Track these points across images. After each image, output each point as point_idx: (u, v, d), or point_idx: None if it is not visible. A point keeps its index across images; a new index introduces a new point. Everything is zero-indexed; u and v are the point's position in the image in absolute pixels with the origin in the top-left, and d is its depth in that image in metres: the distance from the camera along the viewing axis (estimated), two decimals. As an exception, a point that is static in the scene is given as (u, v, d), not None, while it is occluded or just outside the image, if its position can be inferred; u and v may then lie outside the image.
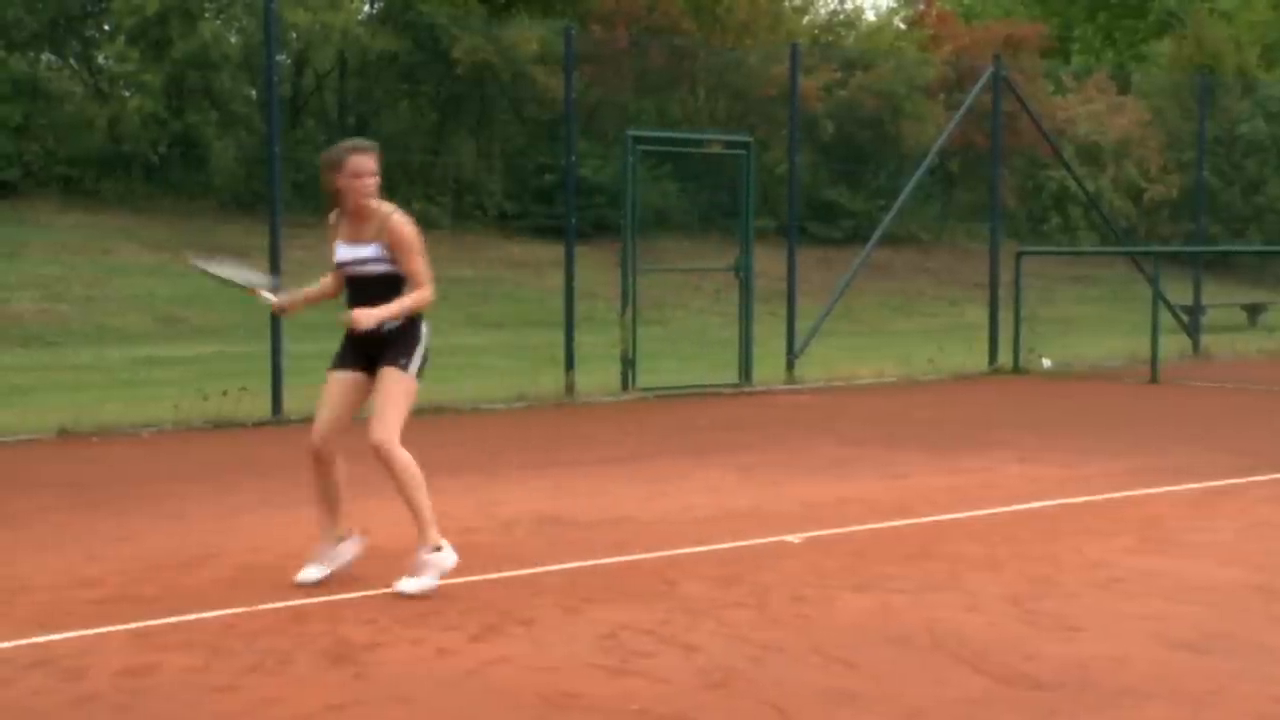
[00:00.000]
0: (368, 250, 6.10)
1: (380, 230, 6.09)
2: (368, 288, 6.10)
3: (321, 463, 6.30)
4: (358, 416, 6.37)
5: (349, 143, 6.22)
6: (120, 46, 26.92)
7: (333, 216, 6.25)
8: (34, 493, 8.59)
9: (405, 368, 6.19)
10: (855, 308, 22.09)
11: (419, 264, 6.13)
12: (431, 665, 4.96)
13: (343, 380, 6.26)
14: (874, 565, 6.47)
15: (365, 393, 6.27)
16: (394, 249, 6.09)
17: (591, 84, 27.05)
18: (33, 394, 13.56)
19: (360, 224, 6.13)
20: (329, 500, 6.35)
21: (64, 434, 10.91)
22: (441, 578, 6.00)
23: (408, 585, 5.95)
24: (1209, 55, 34.44)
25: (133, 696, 4.63)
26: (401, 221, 6.11)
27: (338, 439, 6.29)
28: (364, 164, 6.07)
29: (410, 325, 6.17)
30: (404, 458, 6.18)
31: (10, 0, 26.26)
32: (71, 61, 29.08)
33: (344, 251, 6.16)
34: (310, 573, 6.15)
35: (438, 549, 6.03)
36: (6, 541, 7.11)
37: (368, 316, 6.02)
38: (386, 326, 6.10)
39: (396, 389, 6.18)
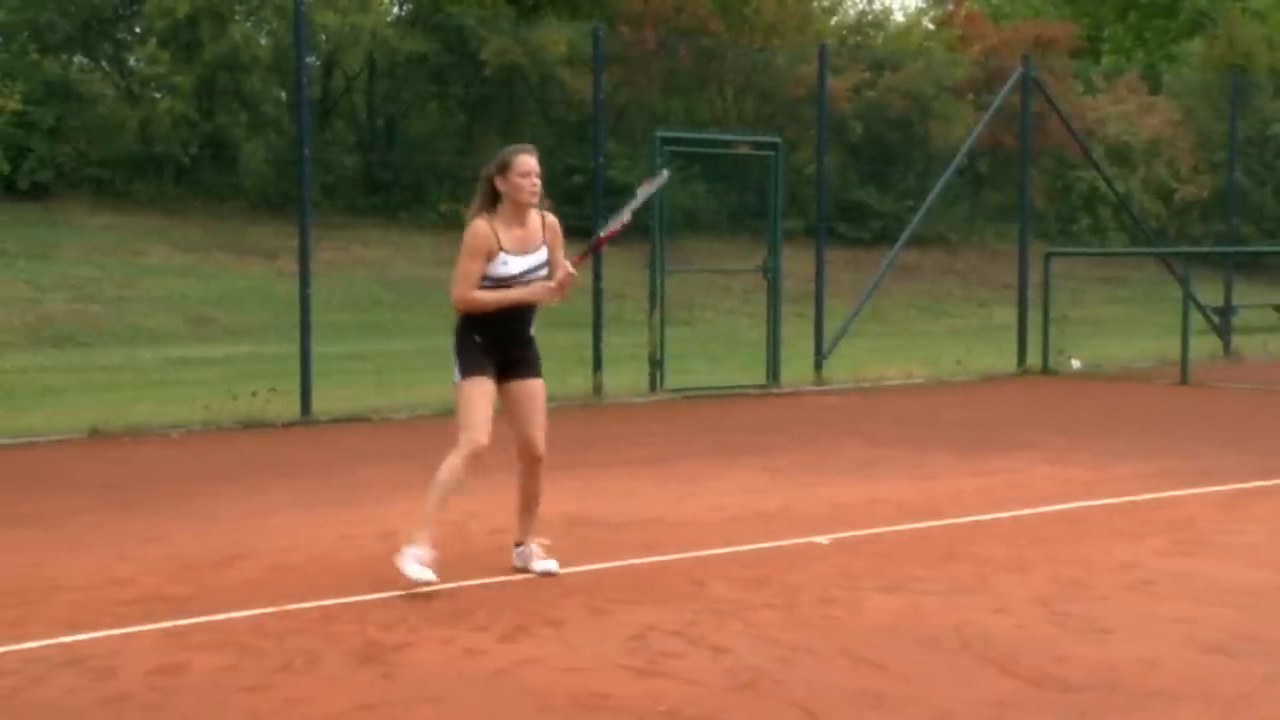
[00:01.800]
0: (540, 255, 6.20)
1: (544, 232, 6.21)
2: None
3: (478, 465, 6.27)
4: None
5: (511, 146, 6.19)
6: (151, 49, 27.06)
7: (485, 226, 6.11)
8: (66, 493, 8.65)
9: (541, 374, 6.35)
10: (883, 309, 22.05)
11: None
12: (460, 665, 4.97)
13: (492, 387, 6.24)
14: (902, 566, 6.46)
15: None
16: (555, 247, 6.24)
17: (620, 85, 27.04)
18: (64, 394, 13.65)
19: (523, 229, 6.15)
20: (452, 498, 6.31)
21: (95, 434, 10.98)
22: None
23: (548, 565, 6.31)
24: (1241, 55, 34.23)
25: (163, 696, 4.65)
26: (557, 220, 6.28)
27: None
28: (532, 163, 6.09)
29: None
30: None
31: (43, 3, 26.45)
32: (103, 64, 29.26)
33: (521, 262, 6.13)
34: (427, 574, 6.02)
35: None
36: (38, 541, 7.17)
37: (570, 280, 6.15)
38: (531, 330, 6.29)
39: (544, 398, 6.37)
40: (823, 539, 7.12)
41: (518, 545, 6.43)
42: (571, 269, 6.22)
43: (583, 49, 24.96)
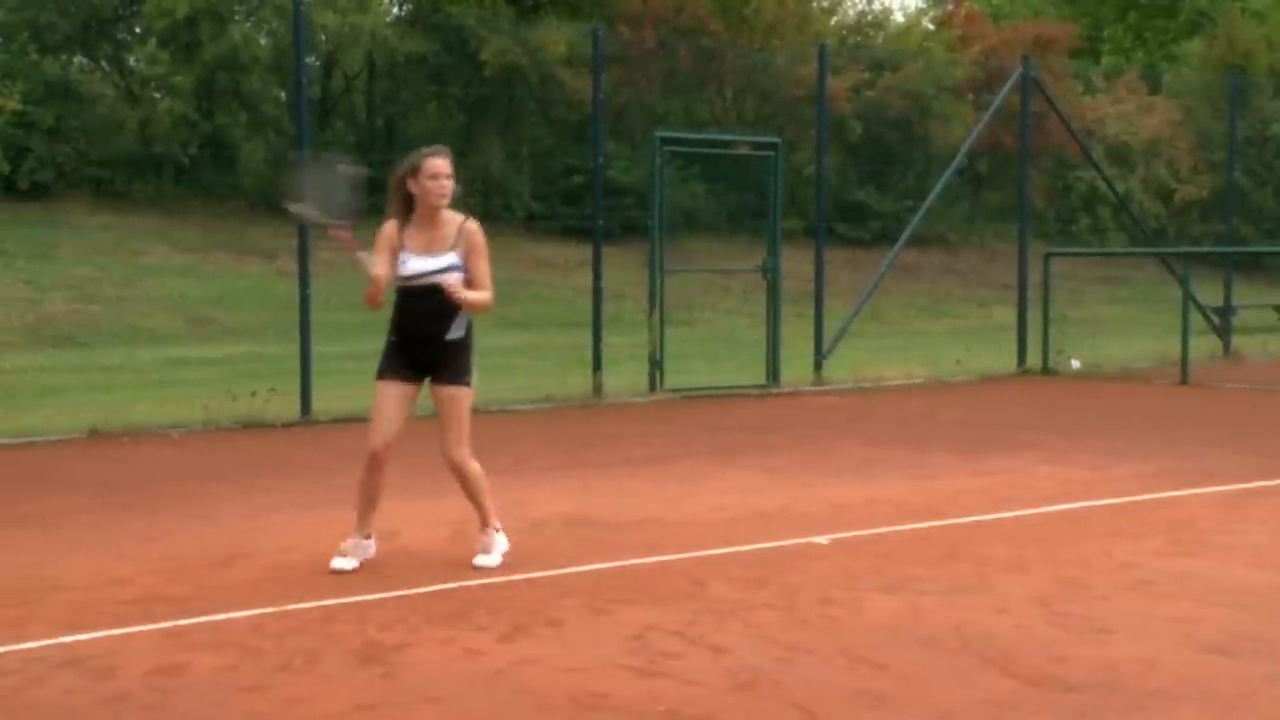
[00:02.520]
0: (446, 259, 6.21)
1: (458, 238, 6.22)
2: (437, 295, 6.18)
3: (379, 467, 6.41)
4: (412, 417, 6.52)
5: (424, 148, 6.28)
6: (151, 49, 27.06)
7: (390, 226, 6.27)
8: (65, 493, 8.65)
9: (468, 384, 6.36)
10: (883, 309, 22.04)
11: (489, 269, 6.31)
12: (460, 665, 4.97)
13: (400, 390, 6.32)
14: (902, 567, 6.46)
15: (415, 399, 6.39)
16: (471, 255, 6.23)
17: (619, 85, 27.04)
18: (64, 394, 13.65)
19: (434, 232, 6.22)
20: (373, 501, 6.49)
21: (95, 434, 10.98)
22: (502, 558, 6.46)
23: (484, 560, 6.40)
24: (1240, 55, 34.21)
25: (163, 696, 4.65)
26: (478, 228, 6.28)
27: (396, 445, 6.41)
28: (441, 166, 6.17)
29: (468, 336, 6.32)
30: (476, 468, 6.47)
31: (43, 3, 26.45)
32: (103, 64, 29.26)
33: (419, 263, 6.19)
34: (344, 563, 6.34)
35: (498, 530, 6.52)
36: (38, 541, 7.16)
37: (461, 293, 6.15)
38: (450, 335, 6.24)
39: (465, 407, 6.38)
40: (822, 539, 7.12)
41: (482, 530, 6.52)
42: (458, 293, 6.18)
43: (582, 49, 24.96)
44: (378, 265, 6.21)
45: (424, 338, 6.27)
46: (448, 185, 6.17)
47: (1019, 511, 7.90)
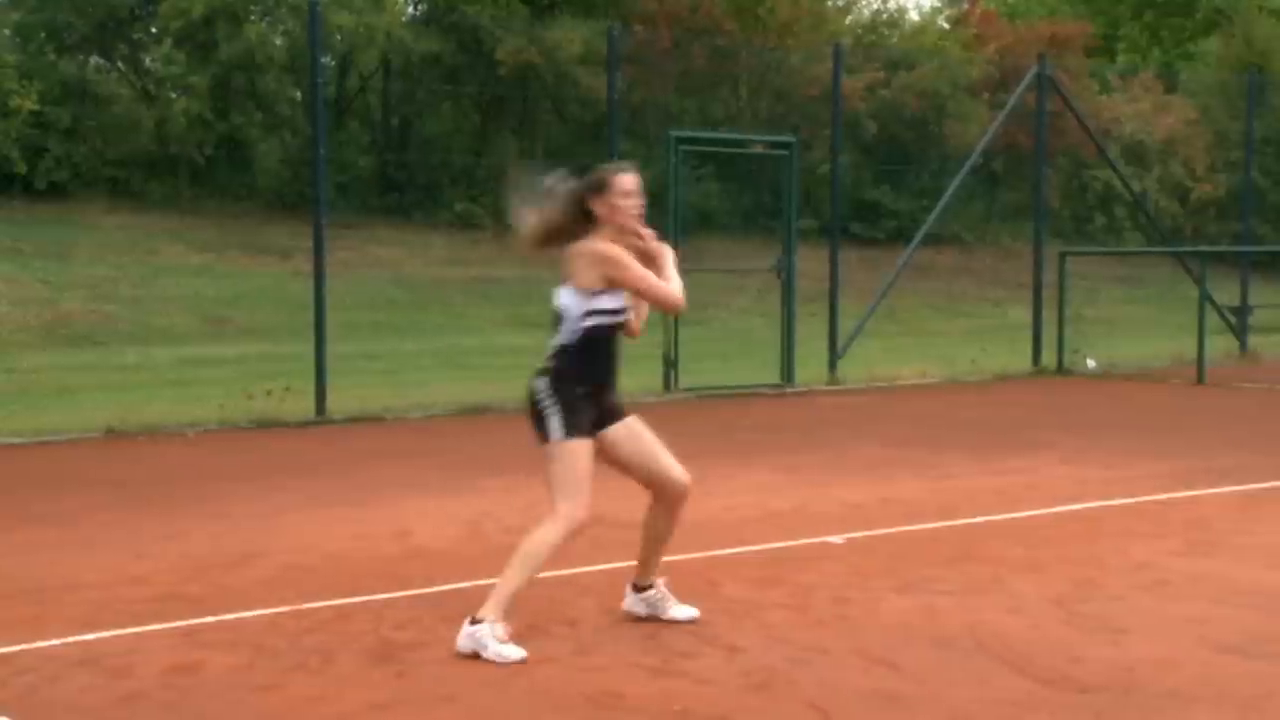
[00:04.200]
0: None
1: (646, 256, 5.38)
2: (620, 330, 5.39)
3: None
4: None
5: (608, 165, 5.46)
6: (167, 49, 27.13)
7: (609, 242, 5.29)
8: (81, 492, 8.67)
9: None
10: (898, 308, 22.00)
11: None
12: (474, 664, 4.97)
13: (591, 448, 5.33)
14: (916, 567, 6.45)
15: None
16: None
17: (634, 84, 27.04)
18: (80, 393, 13.69)
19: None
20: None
21: (111, 433, 11.01)
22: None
23: (687, 612, 5.54)
24: (1257, 53, 34.09)
25: (178, 694, 4.67)
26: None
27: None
28: (634, 183, 5.33)
29: None
30: None
31: (60, 4, 26.54)
32: (119, 64, 29.35)
33: (620, 296, 5.30)
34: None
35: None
36: (55, 540, 7.19)
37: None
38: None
39: None
40: (837, 539, 7.11)
41: (640, 590, 5.59)
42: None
43: (597, 48, 24.95)
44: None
45: (611, 383, 5.43)
46: (639, 205, 5.33)
47: (1034, 511, 7.88)
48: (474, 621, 5.08)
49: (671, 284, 5.36)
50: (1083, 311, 17.32)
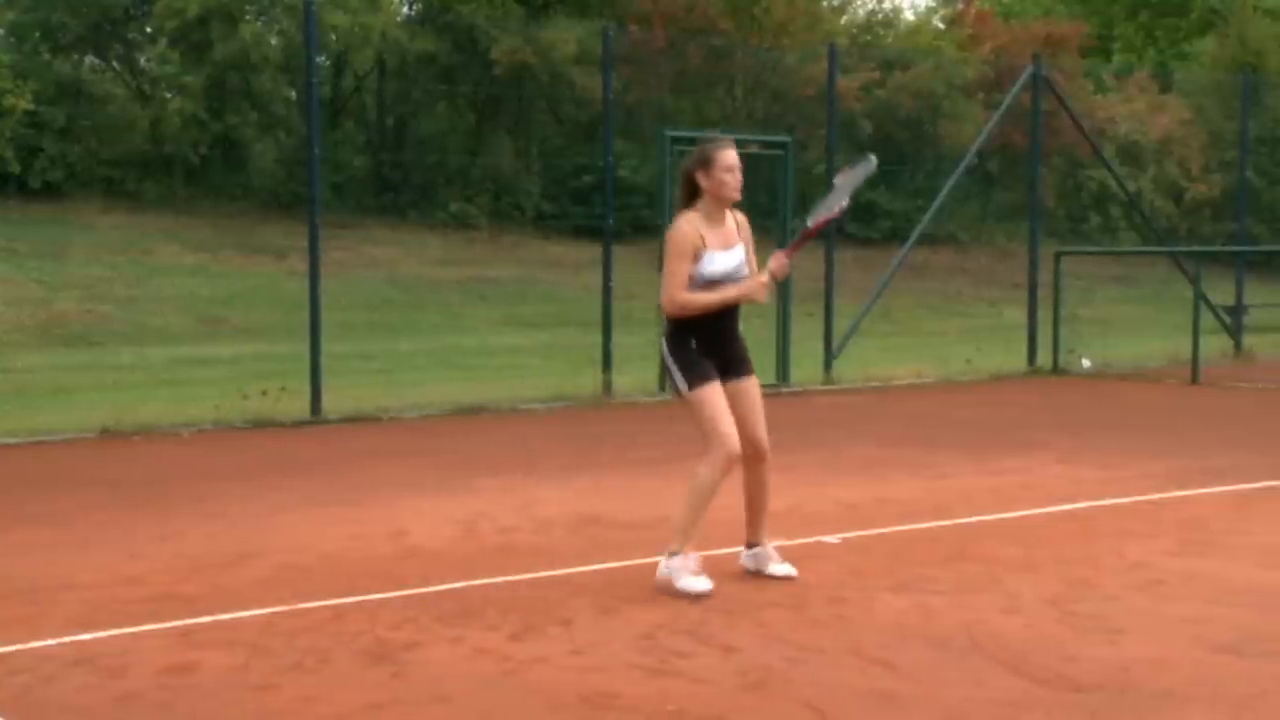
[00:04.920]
0: (739, 253, 6.01)
1: (741, 229, 6.05)
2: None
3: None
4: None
5: (709, 140, 6.01)
6: (162, 49, 27.15)
7: (689, 224, 5.92)
8: (76, 492, 8.67)
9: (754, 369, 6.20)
10: (893, 308, 22.02)
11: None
12: (470, 664, 4.97)
13: (721, 390, 6.00)
14: (912, 566, 6.45)
15: None
16: (749, 247, 6.08)
17: (629, 84, 27.06)
18: (75, 393, 13.69)
19: (722, 227, 5.97)
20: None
21: (106, 433, 11.00)
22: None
23: (787, 569, 6.21)
24: (1252, 53, 34.16)
25: (174, 694, 4.66)
26: (746, 220, 6.13)
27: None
28: (735, 158, 5.91)
29: None
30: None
31: (54, 4, 26.52)
32: (114, 64, 29.35)
33: (725, 260, 5.93)
34: (703, 583, 5.96)
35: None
36: (49, 540, 7.18)
37: (776, 275, 6.01)
38: (740, 330, 6.11)
39: (760, 395, 6.24)
40: (832, 538, 7.12)
41: (750, 546, 6.29)
42: (785, 260, 6.03)
43: (592, 48, 24.95)
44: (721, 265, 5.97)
45: (727, 334, 6.05)
46: (741, 178, 5.92)
47: (1029, 511, 7.89)
48: (670, 554, 5.93)
49: (693, 296, 5.91)
50: (1078, 311, 17.33)
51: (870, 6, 37.32)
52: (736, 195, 5.93)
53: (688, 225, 5.91)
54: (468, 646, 5.18)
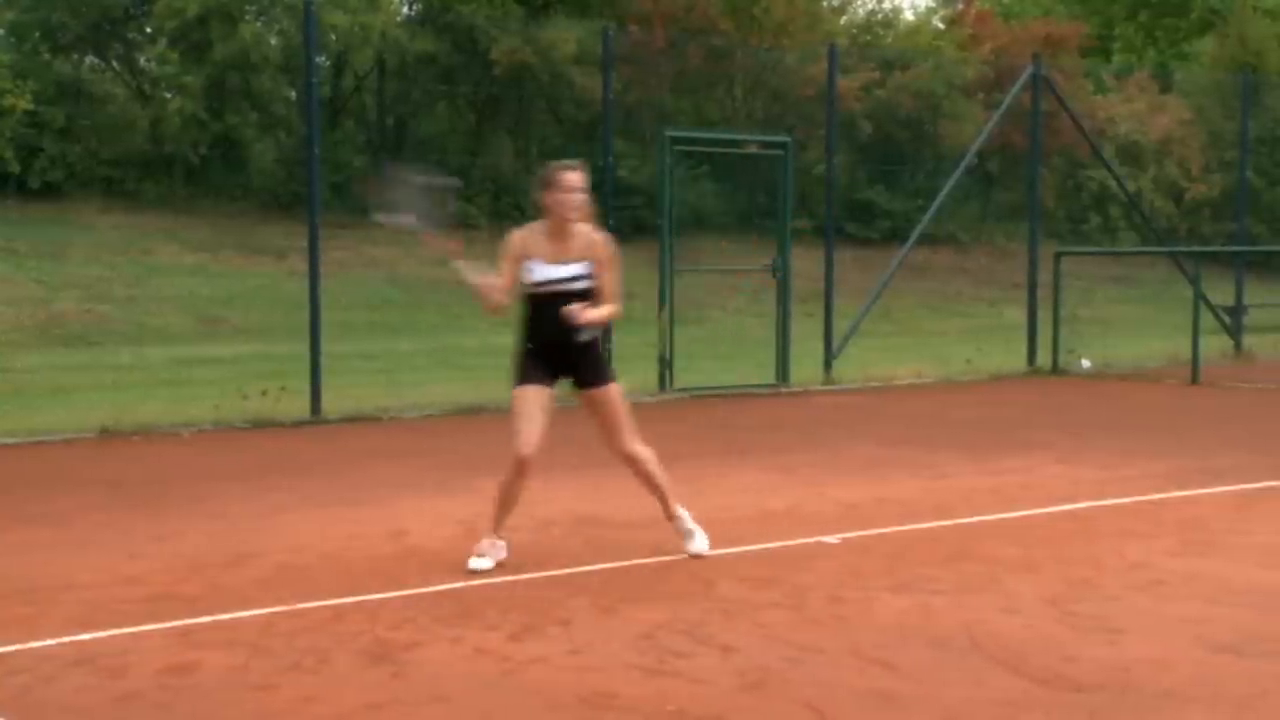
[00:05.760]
0: (574, 269, 6.36)
1: (587, 248, 6.39)
2: (566, 304, 6.31)
3: (525, 473, 6.44)
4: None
5: (559, 162, 6.44)
6: (161, 49, 27.13)
7: (518, 236, 6.43)
8: (76, 492, 8.66)
9: (613, 378, 6.60)
10: (893, 308, 22.01)
11: (616, 281, 6.48)
12: (469, 664, 4.97)
13: (541, 394, 6.43)
14: (912, 566, 6.45)
15: (553, 404, 6.51)
16: (600, 266, 6.41)
17: (629, 84, 27.03)
18: (75, 393, 13.67)
19: (564, 243, 6.36)
20: (512, 505, 6.55)
21: (105, 433, 11.00)
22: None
23: (700, 545, 6.67)
24: (1252, 53, 34.13)
25: (173, 694, 4.66)
26: (607, 240, 6.47)
27: (540, 450, 6.46)
28: (575, 180, 6.33)
29: (600, 338, 6.56)
30: (648, 451, 6.70)
31: (54, 4, 26.51)
32: (114, 64, 29.33)
33: (548, 271, 6.34)
34: (483, 563, 6.37)
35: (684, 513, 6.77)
36: (49, 540, 7.18)
37: (587, 314, 6.30)
38: (586, 336, 6.40)
39: (618, 401, 6.58)
40: (832, 538, 7.12)
41: (670, 519, 6.76)
42: (582, 317, 6.31)
43: (592, 48, 24.92)
44: (495, 275, 6.41)
45: (559, 343, 6.37)
46: (580, 199, 6.33)
47: (1029, 511, 7.89)
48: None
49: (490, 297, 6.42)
50: (1077, 311, 17.33)
51: (870, 7, 37.30)
52: (571, 215, 6.32)
53: (518, 233, 6.45)
54: (467, 646, 5.18)
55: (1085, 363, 16.50)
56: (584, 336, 6.38)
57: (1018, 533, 7.29)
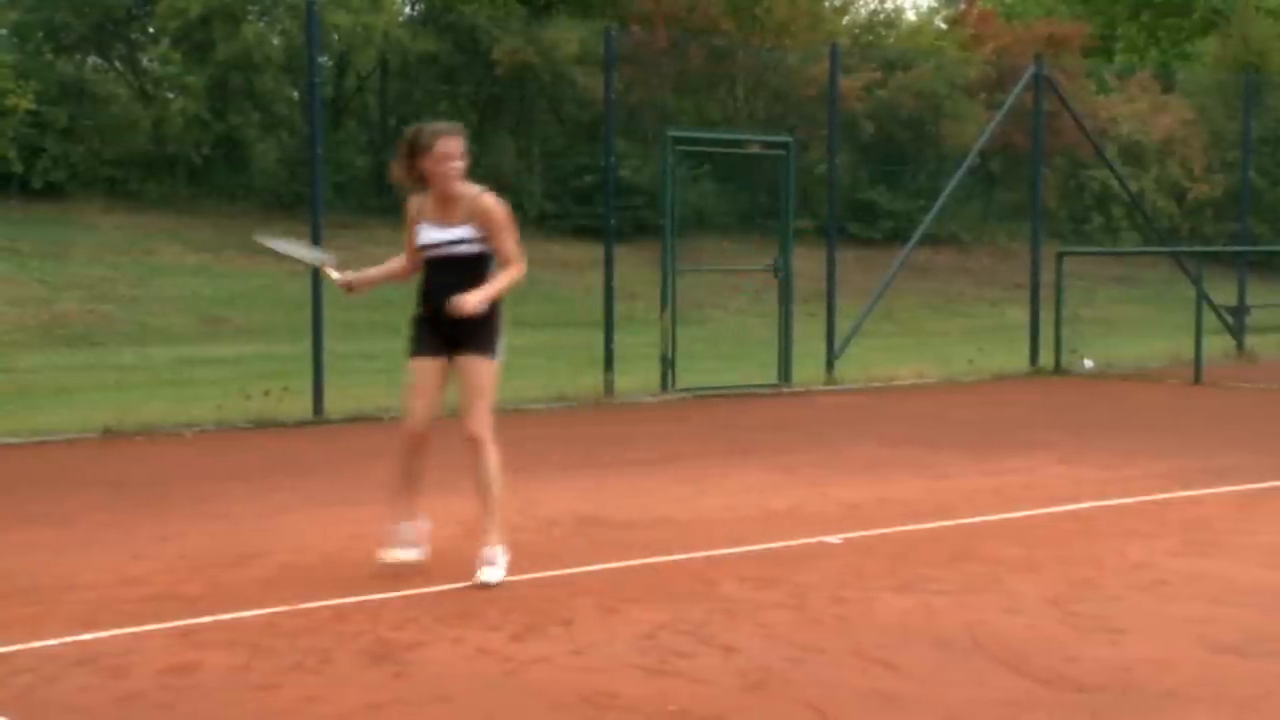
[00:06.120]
0: (459, 231, 6.20)
1: (471, 211, 6.19)
2: (455, 268, 6.20)
3: (417, 449, 6.38)
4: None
5: (434, 126, 6.24)
6: (164, 49, 27.14)
7: (414, 201, 6.33)
8: (79, 492, 8.67)
9: (493, 355, 6.31)
10: (895, 308, 22.01)
11: (511, 242, 6.28)
12: (471, 664, 4.97)
13: (430, 366, 6.32)
14: (914, 566, 6.45)
15: (447, 376, 6.36)
16: (488, 228, 6.22)
17: (631, 84, 27.04)
18: (78, 394, 13.69)
19: (449, 206, 6.21)
20: (416, 485, 6.45)
21: (108, 433, 11.00)
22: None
23: (490, 574, 6.09)
24: (1255, 53, 34.12)
25: (175, 694, 4.66)
26: (493, 201, 6.23)
27: (432, 424, 6.35)
28: (453, 146, 6.15)
29: (494, 309, 6.29)
30: (497, 453, 6.30)
31: (57, 4, 26.53)
32: (116, 64, 29.35)
33: (432, 234, 6.23)
34: (405, 554, 6.29)
35: (502, 546, 6.23)
36: (52, 540, 7.18)
37: (469, 303, 6.07)
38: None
39: (488, 379, 6.31)
40: (834, 538, 7.11)
41: (481, 532, 6.30)
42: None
43: (594, 48, 24.94)
44: (368, 272, 6.66)
45: (444, 314, 6.20)
46: (459, 167, 6.15)
47: (1031, 511, 7.88)
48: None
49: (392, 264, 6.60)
50: (1080, 311, 17.32)
51: (872, 7, 37.31)
52: (446, 184, 6.14)
53: (415, 198, 6.33)
54: (469, 646, 5.18)
55: (1088, 363, 16.50)
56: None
57: (1020, 533, 7.28)
